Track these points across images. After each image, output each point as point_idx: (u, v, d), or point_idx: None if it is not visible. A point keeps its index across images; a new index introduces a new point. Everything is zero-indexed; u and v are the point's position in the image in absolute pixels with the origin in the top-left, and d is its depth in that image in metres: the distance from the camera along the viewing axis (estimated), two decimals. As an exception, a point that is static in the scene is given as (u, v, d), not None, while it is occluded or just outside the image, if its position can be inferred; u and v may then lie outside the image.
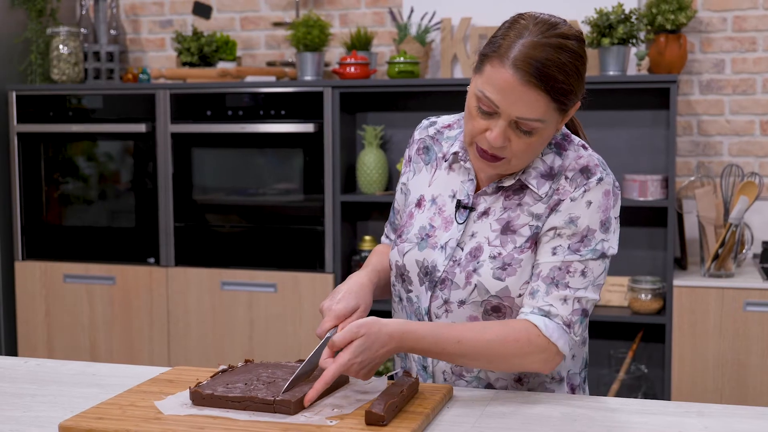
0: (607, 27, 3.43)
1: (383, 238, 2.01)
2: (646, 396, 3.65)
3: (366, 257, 3.79)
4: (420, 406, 1.55)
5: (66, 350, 4.01)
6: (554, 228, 1.67)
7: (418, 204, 1.83)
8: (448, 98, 3.82)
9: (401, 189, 1.92)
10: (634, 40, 3.46)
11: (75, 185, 4.02)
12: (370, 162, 3.78)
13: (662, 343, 3.63)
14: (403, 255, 1.79)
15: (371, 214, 4.03)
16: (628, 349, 3.67)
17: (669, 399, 3.38)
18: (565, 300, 1.66)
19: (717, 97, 3.82)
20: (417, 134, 1.91)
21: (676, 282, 3.38)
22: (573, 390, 1.81)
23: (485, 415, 1.57)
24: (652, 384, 3.69)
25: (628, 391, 3.60)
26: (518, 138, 1.62)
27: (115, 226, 3.98)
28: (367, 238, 3.86)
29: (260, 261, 3.80)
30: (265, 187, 3.81)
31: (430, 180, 1.84)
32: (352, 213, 3.94)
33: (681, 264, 3.69)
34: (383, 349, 1.59)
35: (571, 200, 1.68)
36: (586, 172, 1.70)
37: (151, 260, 3.92)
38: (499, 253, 1.69)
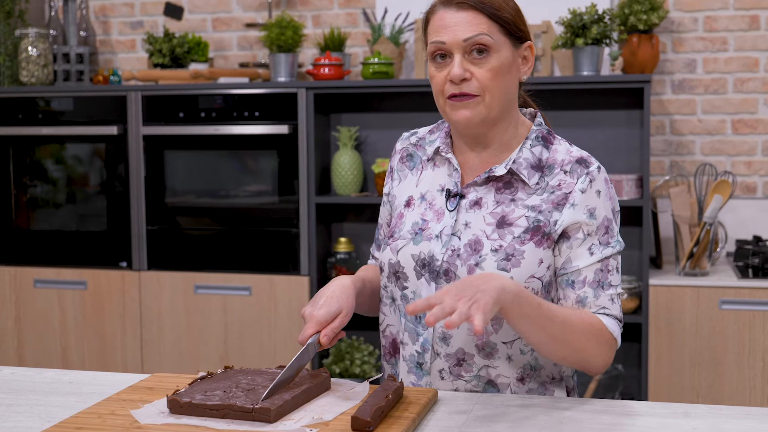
0: (580, 27, 3.43)
1: (370, 260, 2.01)
2: (623, 395, 3.66)
3: (342, 259, 3.80)
4: (406, 410, 1.53)
5: (37, 357, 3.95)
6: (579, 226, 1.70)
7: (408, 204, 1.84)
8: (423, 99, 3.81)
9: (384, 201, 1.92)
10: (607, 41, 3.47)
11: (45, 189, 3.97)
12: (344, 163, 3.76)
13: (638, 343, 3.63)
14: (397, 252, 1.78)
15: (346, 215, 4.01)
16: (604, 349, 3.67)
17: (646, 398, 3.39)
18: (612, 299, 1.72)
19: (689, 97, 3.84)
20: (399, 145, 1.94)
21: (651, 281, 3.39)
22: (568, 392, 1.81)
23: (471, 418, 1.55)
24: (629, 383, 3.70)
25: (605, 390, 3.60)
26: (478, 66, 1.69)
27: (86, 230, 3.92)
28: (343, 239, 3.83)
29: (234, 264, 3.77)
30: (239, 189, 3.77)
31: (416, 181, 1.85)
32: (327, 215, 3.91)
33: (656, 263, 3.70)
34: (487, 284, 1.51)
35: (582, 192, 1.71)
36: (582, 162, 1.74)
37: (124, 264, 3.87)
38: (500, 246, 1.70)
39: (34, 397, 1.70)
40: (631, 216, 3.66)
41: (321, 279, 3.79)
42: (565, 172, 1.73)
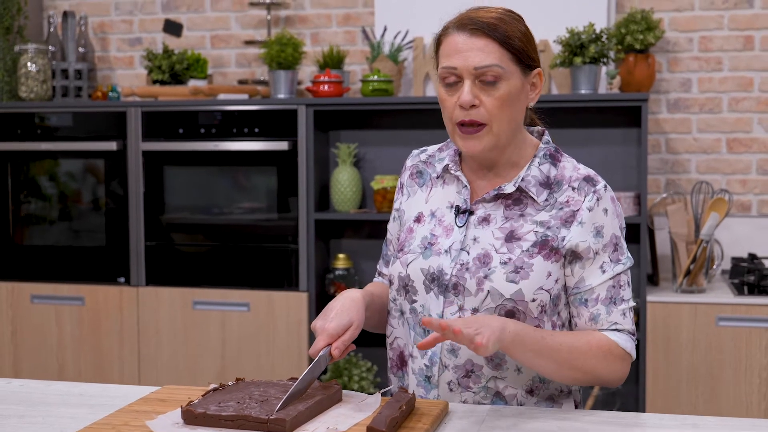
0: (578, 46, 3.47)
1: (376, 277, 2.02)
2: (620, 411, 3.66)
3: (340, 275, 3.81)
4: (419, 422, 1.55)
5: (33, 372, 3.94)
6: (588, 245, 1.73)
7: (418, 219, 1.86)
8: (421, 116, 3.84)
9: (394, 216, 1.95)
10: (605, 60, 3.50)
11: (43, 204, 3.97)
12: (344, 180, 3.78)
13: (636, 359, 3.64)
14: (407, 265, 1.80)
15: (345, 232, 4.02)
16: (602, 366, 3.68)
17: (643, 414, 3.40)
18: (624, 314, 1.75)
19: (684, 116, 3.88)
20: (409, 161, 1.97)
21: (649, 298, 3.41)
22: (576, 406, 1.83)
23: (483, 429, 1.56)
24: (626, 399, 3.72)
25: (603, 406, 3.62)
26: (487, 94, 1.70)
27: (84, 246, 3.93)
28: (341, 256, 3.84)
29: (233, 280, 3.77)
30: (237, 205, 3.78)
31: (426, 198, 1.88)
32: (326, 231, 3.93)
33: (653, 280, 3.73)
34: (492, 322, 1.60)
35: (589, 210, 1.74)
36: (590, 180, 1.77)
37: (122, 280, 3.88)
38: (509, 259, 1.72)
39: (45, 409, 1.71)
40: (629, 233, 3.67)
41: (320, 295, 3.80)
42: (573, 189, 1.76)
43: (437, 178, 1.87)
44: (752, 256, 3.68)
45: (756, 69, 3.80)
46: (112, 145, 3.83)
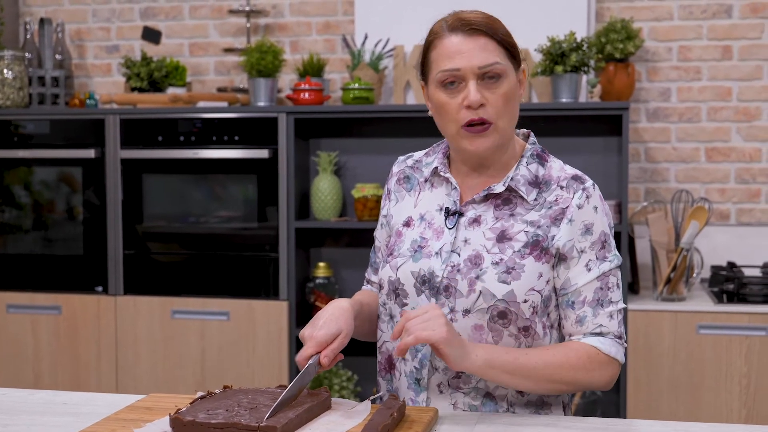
0: (559, 55, 3.48)
1: (365, 285, 2.01)
2: (600, 420, 3.66)
3: (320, 284, 3.79)
4: (410, 429, 1.54)
5: (9, 383, 3.88)
6: (573, 243, 1.72)
7: (407, 224, 1.85)
8: (402, 124, 3.83)
9: (382, 223, 1.94)
10: (585, 68, 3.52)
11: (19, 212, 3.92)
12: (324, 188, 3.76)
13: (616, 368, 3.65)
14: (397, 269, 1.79)
15: (325, 240, 4.01)
16: (582, 374, 3.68)
17: (624, 423, 3.40)
18: (611, 316, 1.74)
19: (664, 125, 3.90)
20: (395, 168, 1.96)
21: (630, 306, 3.42)
22: (564, 410, 1.82)
23: (475, 437, 1.55)
24: (607, 408, 3.72)
25: (584, 415, 3.62)
26: (491, 91, 1.71)
27: (61, 254, 3.88)
28: (321, 264, 3.83)
29: (213, 289, 3.74)
30: (217, 214, 3.76)
31: (415, 202, 1.87)
32: (307, 239, 3.91)
33: (633, 288, 3.74)
34: (446, 326, 1.63)
35: (578, 207, 1.74)
36: (578, 179, 1.79)
37: (99, 289, 3.83)
38: (501, 259, 1.72)
39: (29, 418, 1.68)
40: (609, 242, 3.69)
41: (300, 304, 3.78)
42: (562, 188, 1.76)
43: (425, 182, 1.87)
44: (731, 265, 3.70)
45: (734, 78, 3.83)
46: (90, 153, 3.80)
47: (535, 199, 1.76)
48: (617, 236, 3.56)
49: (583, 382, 1.71)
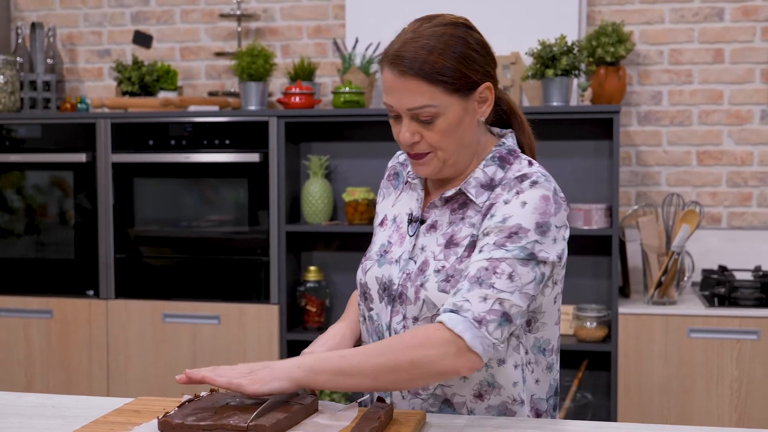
0: (550, 58, 3.48)
1: None
2: (592, 424, 3.66)
3: (311, 287, 3.78)
4: (398, 431, 1.53)
5: (0, 386, 3.87)
6: (485, 229, 1.65)
7: (381, 223, 1.86)
8: (393, 128, 3.83)
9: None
10: (576, 72, 3.52)
11: (10, 216, 3.92)
12: (315, 192, 3.76)
13: (607, 371, 3.66)
14: (365, 273, 1.81)
15: (316, 244, 4.00)
16: (574, 378, 3.69)
17: (616, 426, 3.40)
18: (485, 298, 1.57)
19: (655, 129, 3.90)
20: (390, 163, 1.97)
21: (621, 310, 3.42)
22: (538, 416, 1.79)
23: (463, 439, 1.55)
24: (598, 411, 3.72)
25: (574, 418, 3.62)
26: (427, 129, 1.67)
27: (53, 258, 3.87)
28: (312, 268, 3.82)
29: (204, 292, 3.74)
30: (208, 217, 3.75)
31: (394, 201, 1.87)
32: (297, 243, 3.90)
33: (624, 292, 3.74)
34: (283, 364, 1.60)
35: (505, 203, 1.66)
36: (522, 178, 1.68)
37: (90, 293, 3.83)
38: (443, 266, 1.68)
39: (17, 421, 1.67)
40: (600, 245, 3.70)
41: (290, 308, 3.78)
42: (502, 187, 1.69)
43: (405, 183, 1.87)
44: (722, 268, 3.70)
45: (726, 82, 3.84)
46: (81, 157, 3.79)
47: (485, 201, 1.70)
48: (608, 240, 3.57)
49: (423, 364, 1.54)
